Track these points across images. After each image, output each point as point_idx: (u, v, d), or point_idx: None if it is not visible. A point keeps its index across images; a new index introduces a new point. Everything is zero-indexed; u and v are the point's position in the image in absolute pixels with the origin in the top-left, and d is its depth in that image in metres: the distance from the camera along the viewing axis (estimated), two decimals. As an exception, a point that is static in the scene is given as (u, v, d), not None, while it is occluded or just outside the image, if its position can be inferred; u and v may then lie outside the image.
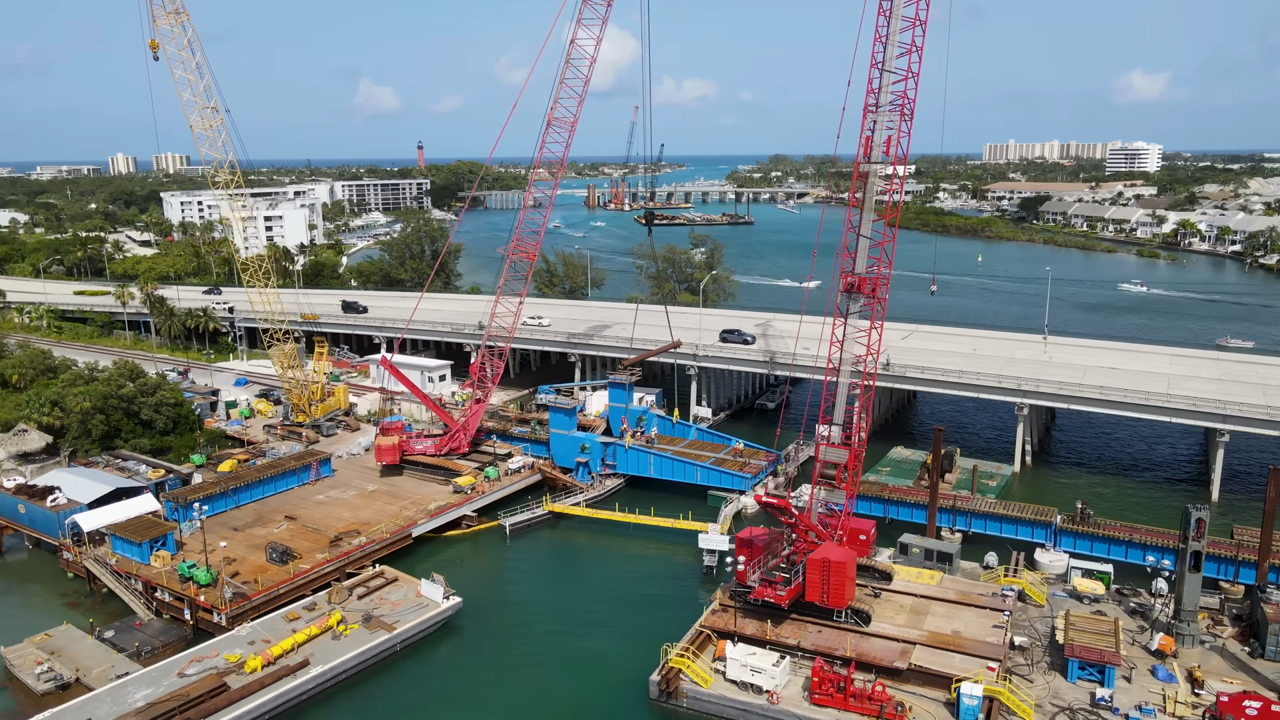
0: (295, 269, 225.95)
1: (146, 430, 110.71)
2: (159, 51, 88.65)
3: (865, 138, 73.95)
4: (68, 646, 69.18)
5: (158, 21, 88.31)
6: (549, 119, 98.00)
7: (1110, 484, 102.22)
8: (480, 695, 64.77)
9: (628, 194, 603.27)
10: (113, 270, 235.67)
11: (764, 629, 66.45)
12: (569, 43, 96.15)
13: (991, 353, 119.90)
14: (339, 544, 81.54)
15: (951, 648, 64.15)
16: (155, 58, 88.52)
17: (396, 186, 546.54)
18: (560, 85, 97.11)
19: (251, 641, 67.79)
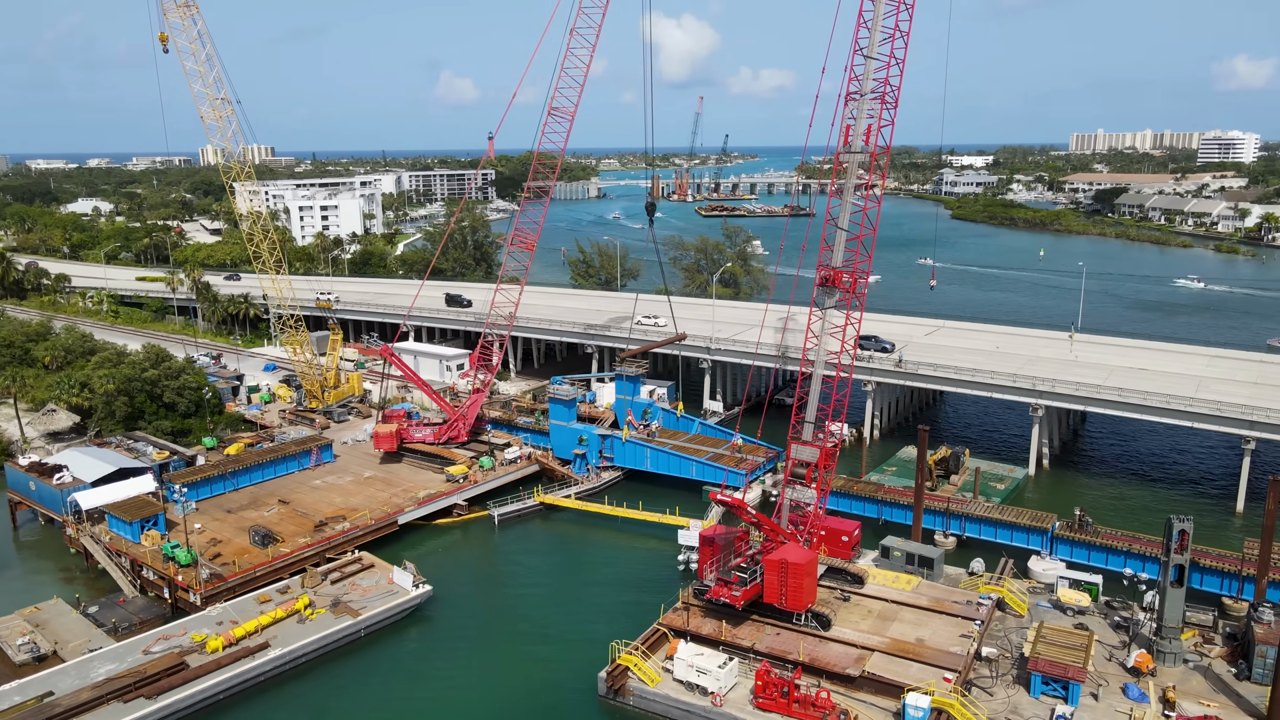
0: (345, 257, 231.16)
1: (169, 413, 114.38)
2: (168, 44, 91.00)
3: (845, 126, 71.87)
4: (53, 620, 71.82)
5: (168, 15, 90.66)
6: (548, 108, 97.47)
7: (1131, 492, 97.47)
8: (435, 684, 65.05)
9: (692, 185, 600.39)
10: (175, 257, 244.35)
11: (721, 629, 65.18)
12: (569, 32, 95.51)
13: (1015, 350, 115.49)
14: (323, 529, 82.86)
15: (911, 656, 61.94)
16: (165, 50, 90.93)
17: (462, 177, 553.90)
18: (560, 73, 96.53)
19: (220, 622, 69.34)
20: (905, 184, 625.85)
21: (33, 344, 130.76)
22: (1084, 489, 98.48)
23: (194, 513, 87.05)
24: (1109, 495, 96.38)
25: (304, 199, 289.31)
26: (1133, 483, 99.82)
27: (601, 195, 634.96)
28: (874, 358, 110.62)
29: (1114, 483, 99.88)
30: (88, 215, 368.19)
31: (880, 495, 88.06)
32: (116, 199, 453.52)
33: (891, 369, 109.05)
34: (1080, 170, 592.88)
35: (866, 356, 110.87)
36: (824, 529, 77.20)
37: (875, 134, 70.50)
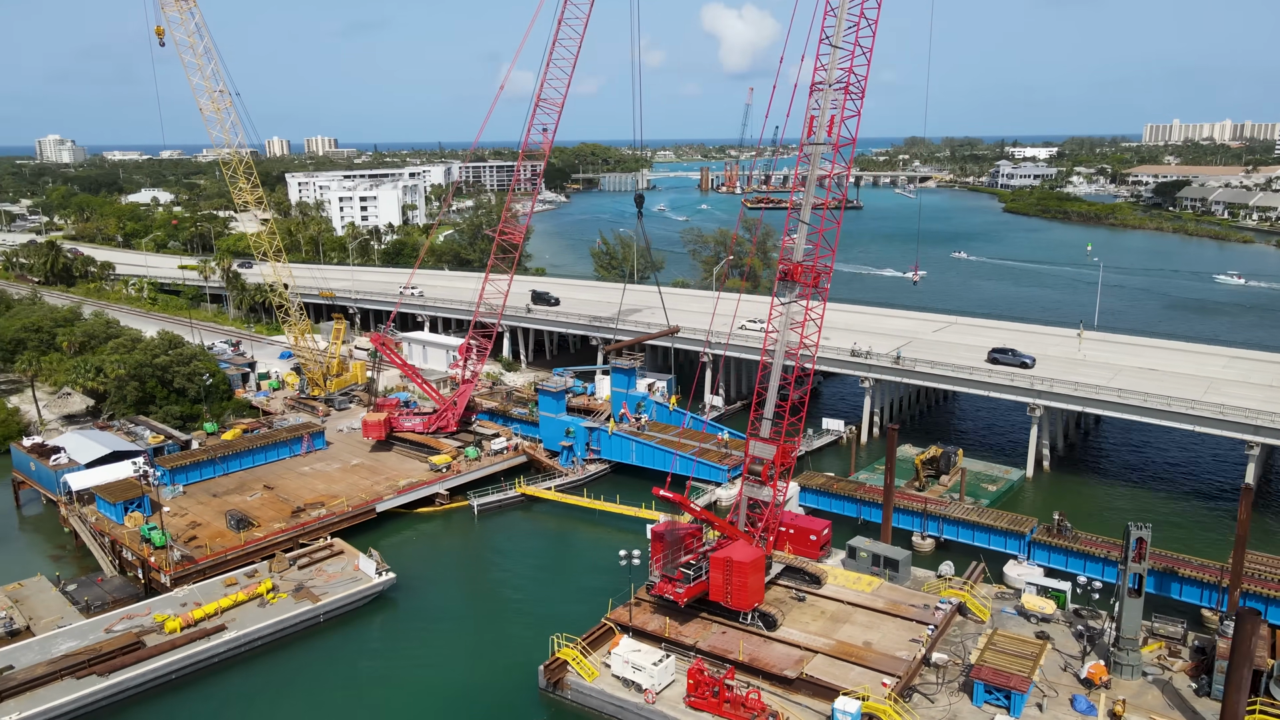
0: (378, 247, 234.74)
1: (180, 398, 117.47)
2: (164, 38, 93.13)
3: (810, 117, 70.36)
4: (33, 596, 74.32)
5: (166, 9, 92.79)
6: (536, 99, 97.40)
7: (1133, 498, 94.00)
8: (386, 671, 65.68)
9: (741, 177, 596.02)
10: (219, 246, 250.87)
11: (666, 626, 64.66)
12: (558, 22, 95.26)
13: (1021, 348, 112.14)
14: (299, 515, 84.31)
15: (853, 659, 60.71)
16: (161, 44, 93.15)
17: (511, 168, 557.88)
18: (548, 65, 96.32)
19: (184, 604, 71.04)
20: (961, 176, 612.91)
21: (60, 329, 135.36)
22: (1084, 493, 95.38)
23: (181, 496, 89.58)
24: (1109, 500, 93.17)
25: (345, 190, 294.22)
26: (1137, 488, 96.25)
27: (652, 187, 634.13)
28: (872, 354, 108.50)
29: (1117, 488, 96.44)
30: (146, 205, 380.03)
31: (860, 494, 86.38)
32: (177, 189, 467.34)
33: (889, 366, 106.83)
34: (1149, 162, 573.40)
35: (864, 353, 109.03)
36: (792, 527, 76.32)
37: (839, 125, 68.77)
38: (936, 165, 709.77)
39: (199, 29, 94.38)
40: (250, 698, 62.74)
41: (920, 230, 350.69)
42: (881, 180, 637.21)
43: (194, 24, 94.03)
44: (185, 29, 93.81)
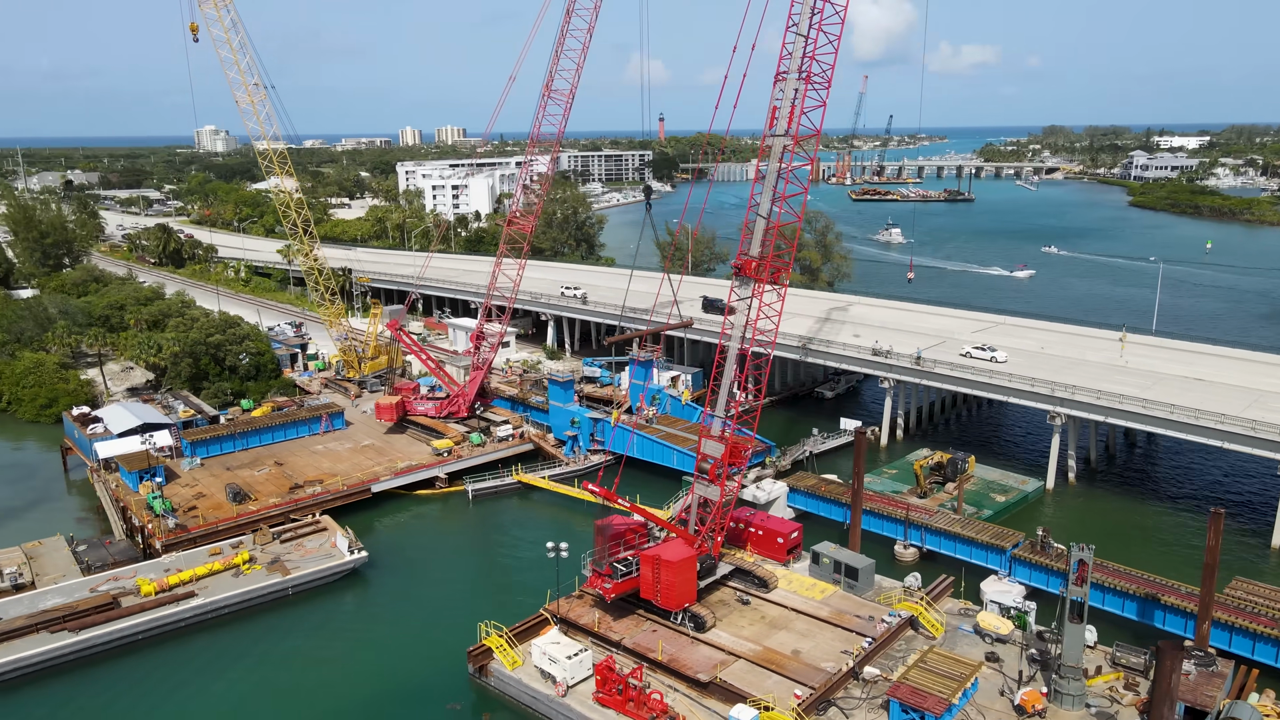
0: (464, 235, 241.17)
1: (231, 375, 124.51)
2: (198, 34, 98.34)
3: (773, 107, 68.32)
4: (47, 554, 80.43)
5: (202, 6, 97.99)
6: (545, 89, 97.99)
7: (1161, 517, 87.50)
8: (331, 646, 67.95)
9: (855, 168, 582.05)
10: (318, 232, 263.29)
11: (599, 620, 64.56)
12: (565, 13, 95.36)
13: (1060, 352, 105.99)
14: (296, 491, 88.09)
15: (773, 667, 59.14)
16: (195, 39, 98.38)
17: (620, 158, 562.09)
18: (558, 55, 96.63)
19: (167, 569, 75.49)
20: (1091, 168, 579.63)
21: (141, 307, 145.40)
22: (1108, 510, 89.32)
23: (198, 468, 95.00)
24: (1135, 519, 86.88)
25: (439, 179, 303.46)
26: (1167, 507, 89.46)
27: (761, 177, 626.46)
28: (893, 354, 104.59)
29: (1147, 506, 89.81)
30: (268, 191, 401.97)
31: (846, 498, 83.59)
32: (303, 177, 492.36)
33: (909, 367, 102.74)
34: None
35: (885, 351, 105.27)
36: (762, 529, 74.79)
37: (798, 116, 66.51)
38: (1067, 156, 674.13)
39: (234, 25, 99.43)
40: (202, 666, 65.74)
41: (1027, 225, 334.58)
42: (1005, 171, 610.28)
43: (229, 20, 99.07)
44: (220, 26, 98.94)
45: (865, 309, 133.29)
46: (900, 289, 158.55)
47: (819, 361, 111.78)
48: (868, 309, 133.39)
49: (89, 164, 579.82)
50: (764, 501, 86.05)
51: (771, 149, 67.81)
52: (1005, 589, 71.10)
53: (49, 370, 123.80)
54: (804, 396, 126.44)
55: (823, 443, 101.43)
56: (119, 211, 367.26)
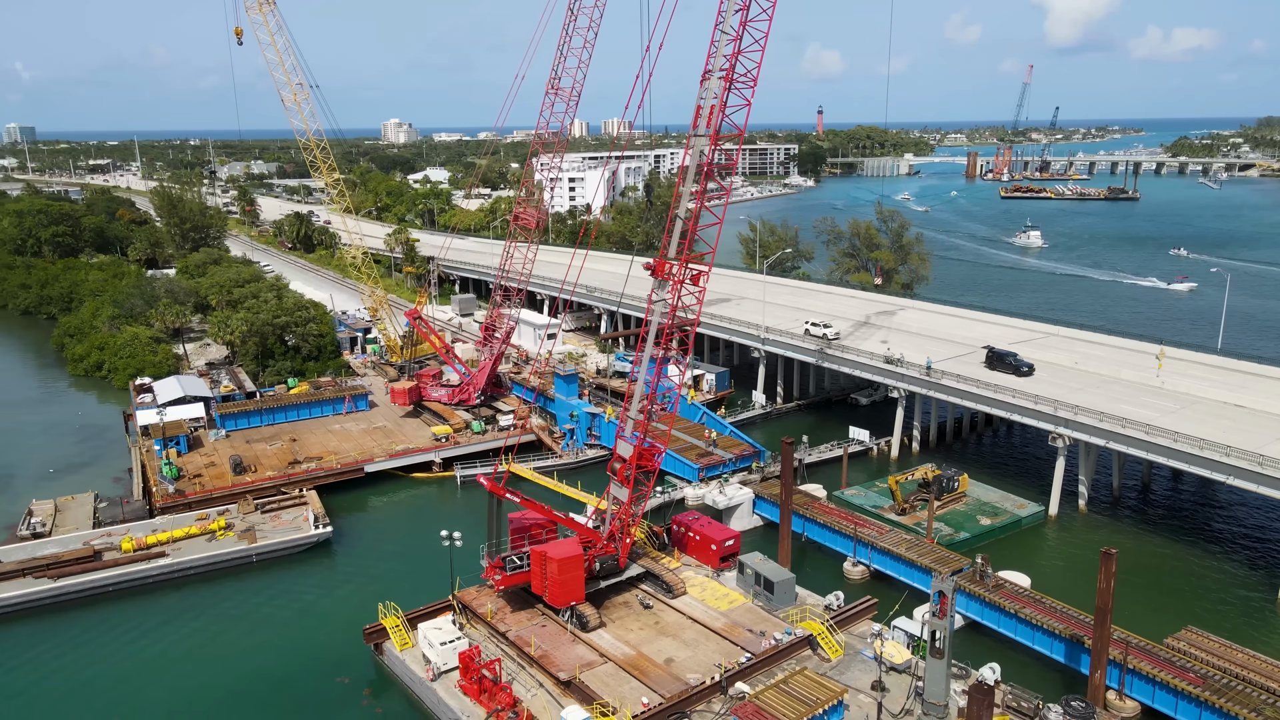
0: (568, 228, 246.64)
1: (294, 354, 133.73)
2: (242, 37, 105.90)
3: (696, 108, 67.12)
4: (74, 508, 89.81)
5: (249, 12, 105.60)
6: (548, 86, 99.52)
7: (1172, 559, 79.63)
8: (263, 611, 72.63)
9: (1015, 163, 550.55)
10: (441, 222, 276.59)
11: (498, 610, 66.00)
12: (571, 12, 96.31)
13: (1095, 368, 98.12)
14: (294, 466, 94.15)
15: (636, 673, 58.79)
16: (240, 43, 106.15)
17: (765, 152, 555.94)
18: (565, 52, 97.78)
19: (155, 529, 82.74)
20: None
21: (231, 288, 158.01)
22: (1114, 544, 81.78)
23: (223, 439, 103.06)
24: (1143, 558, 79.03)
25: (555, 173, 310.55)
26: (1181, 546, 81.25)
27: (914, 172, 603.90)
28: (903, 363, 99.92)
29: (1162, 545, 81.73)
30: (418, 182, 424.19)
31: (805, 510, 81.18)
32: (455, 168, 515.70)
33: (918, 378, 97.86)
34: None
35: (897, 359, 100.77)
36: (700, 534, 74.03)
37: (718, 116, 65.11)
38: (1271, 151, 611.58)
39: (279, 28, 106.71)
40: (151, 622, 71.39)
41: (1190, 228, 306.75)
42: (1190, 168, 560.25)
43: (274, 23, 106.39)
44: (266, 29, 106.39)
45: (916, 314, 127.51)
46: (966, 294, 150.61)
47: (833, 367, 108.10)
48: (919, 314, 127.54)
49: (272, 155, 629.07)
50: (723, 506, 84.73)
51: (693, 148, 66.77)
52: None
53: (142, 343, 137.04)
54: (837, 402, 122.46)
55: (810, 452, 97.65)
56: (283, 199, 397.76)
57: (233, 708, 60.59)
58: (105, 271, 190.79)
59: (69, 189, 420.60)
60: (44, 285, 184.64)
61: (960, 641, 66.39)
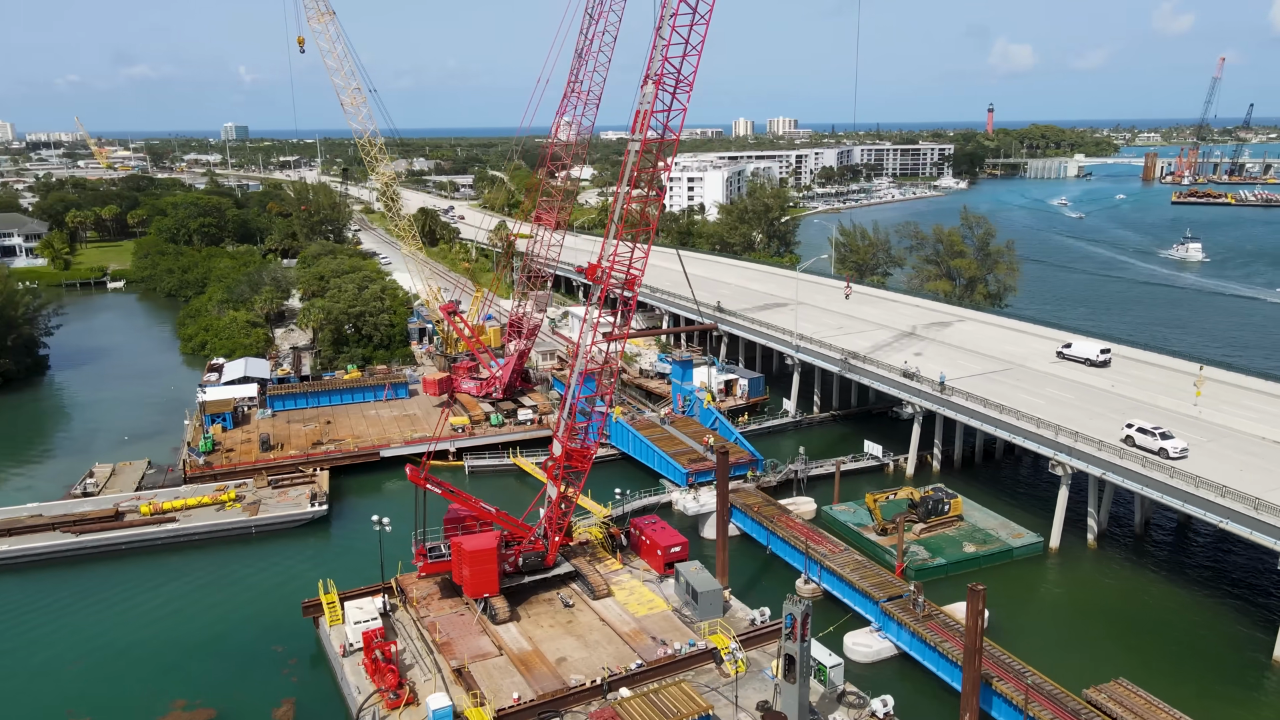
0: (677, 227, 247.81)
1: (365, 342, 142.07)
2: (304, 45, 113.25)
3: (636, 112, 67.03)
4: (127, 473, 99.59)
5: (311, 22, 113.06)
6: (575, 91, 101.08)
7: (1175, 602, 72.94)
8: (238, 578, 78.43)
9: (1204, 164, 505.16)
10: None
11: (425, 596, 68.66)
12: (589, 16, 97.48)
13: (1130, 391, 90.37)
14: (316, 447, 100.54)
15: (522, 669, 60.13)
16: (302, 51, 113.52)
17: (918, 152, 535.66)
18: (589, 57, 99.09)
19: (179, 496, 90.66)
20: None
21: (336, 278, 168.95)
22: (1116, 584, 75.49)
23: (268, 418, 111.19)
24: (1147, 600, 72.76)
25: (677, 174, 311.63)
26: (1193, 592, 73.83)
27: (1084, 175, 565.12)
28: (919, 377, 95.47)
29: (1165, 586, 74.70)
30: (582, 180, 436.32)
31: (769, 523, 79.47)
32: (602, 165, 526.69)
33: (929, 392, 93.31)
34: None
35: (912, 373, 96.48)
36: (648, 538, 74.27)
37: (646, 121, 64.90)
38: None
39: (337, 36, 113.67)
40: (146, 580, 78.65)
41: None
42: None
43: (333, 33, 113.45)
44: (326, 39, 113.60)
45: (973, 326, 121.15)
46: (1069, 309, 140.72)
47: (855, 378, 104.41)
48: (976, 326, 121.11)
49: (437, 154, 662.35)
50: (693, 513, 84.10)
51: (630, 151, 66.96)
52: (869, 643, 65.10)
53: (239, 326, 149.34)
54: (878, 415, 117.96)
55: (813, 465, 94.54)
56: (433, 194, 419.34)
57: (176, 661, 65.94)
58: (236, 260, 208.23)
59: (249, 183, 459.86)
60: (185, 271, 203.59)
61: (891, 670, 64.17)
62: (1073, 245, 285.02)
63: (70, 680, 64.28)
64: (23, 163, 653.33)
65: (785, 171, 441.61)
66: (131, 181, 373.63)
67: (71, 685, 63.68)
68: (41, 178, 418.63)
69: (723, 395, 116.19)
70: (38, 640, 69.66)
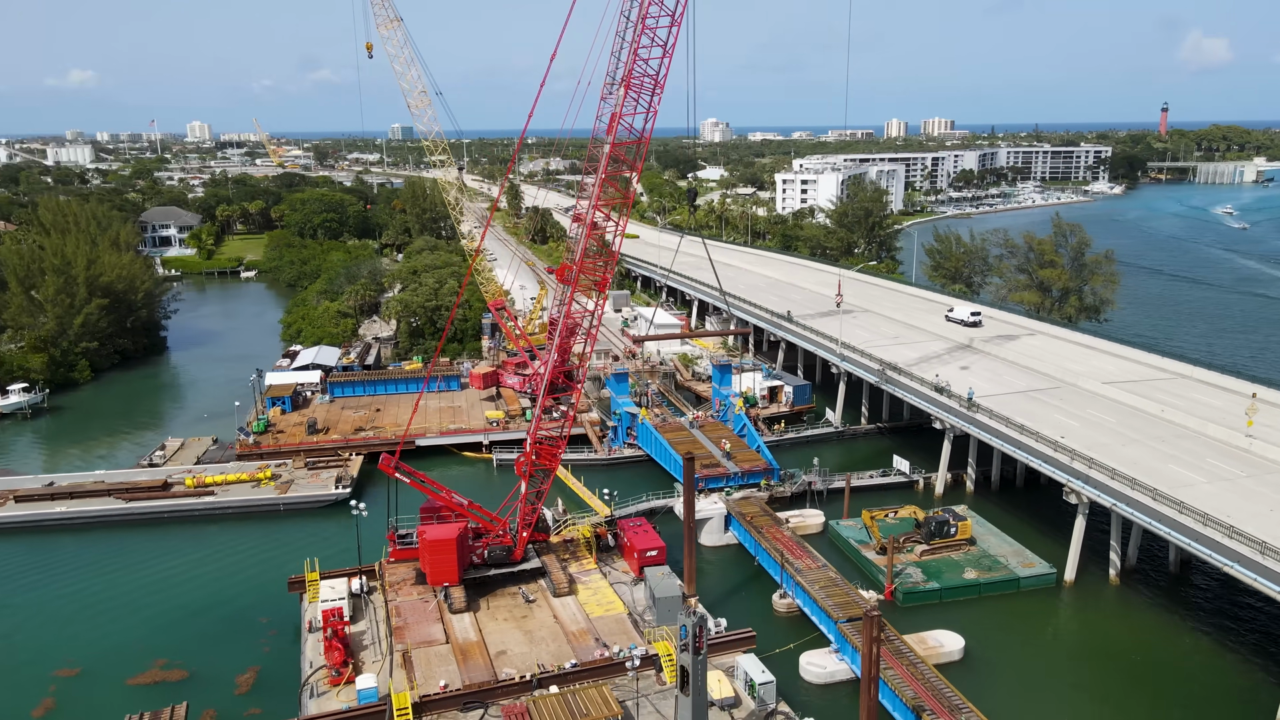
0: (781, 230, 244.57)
1: (440, 335, 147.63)
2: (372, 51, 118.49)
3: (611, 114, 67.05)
4: (194, 448, 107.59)
5: (381, 28, 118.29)
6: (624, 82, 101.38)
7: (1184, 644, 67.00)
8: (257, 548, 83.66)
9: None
10: (668, 219, 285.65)
11: (402, 580, 71.20)
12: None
13: (1180, 417, 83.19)
14: (358, 433, 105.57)
15: (461, 659, 61.73)
16: (370, 56, 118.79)
17: (1071, 154, 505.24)
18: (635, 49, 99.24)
19: (224, 472, 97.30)
20: None
21: (426, 274, 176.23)
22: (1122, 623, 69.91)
23: (326, 403, 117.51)
24: (1156, 646, 67.10)
25: (788, 175, 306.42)
26: (1223, 645, 67.25)
27: (1263, 180, 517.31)
28: (949, 392, 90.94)
29: (1191, 635, 68.34)
30: (709, 182, 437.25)
31: (759, 534, 77.82)
32: (733, 167, 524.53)
33: (956, 408, 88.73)
34: None
35: (943, 388, 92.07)
36: (629, 539, 74.49)
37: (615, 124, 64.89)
38: None
39: (405, 42, 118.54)
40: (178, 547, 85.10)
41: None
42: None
43: (400, 38, 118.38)
44: (394, 44, 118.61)
45: (1043, 340, 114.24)
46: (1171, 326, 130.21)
47: (890, 390, 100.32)
48: (1045, 340, 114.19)
49: (573, 153, 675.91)
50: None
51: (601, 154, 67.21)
52: (824, 663, 63.05)
53: (329, 316, 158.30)
54: (921, 430, 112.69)
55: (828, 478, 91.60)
56: (559, 192, 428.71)
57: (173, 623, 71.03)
58: (351, 253, 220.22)
59: (395, 180, 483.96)
60: (304, 263, 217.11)
61: (844, 694, 62.03)
62: (1222, 259, 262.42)
63: (76, 632, 70.40)
64: (208, 160, 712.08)
65: (919, 174, 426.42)
66: (285, 179, 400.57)
67: (76, 636, 69.70)
68: (217, 175, 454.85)
69: (766, 401, 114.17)
70: (65, 593, 76.55)
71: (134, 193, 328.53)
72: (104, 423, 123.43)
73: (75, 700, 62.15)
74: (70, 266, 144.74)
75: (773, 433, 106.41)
